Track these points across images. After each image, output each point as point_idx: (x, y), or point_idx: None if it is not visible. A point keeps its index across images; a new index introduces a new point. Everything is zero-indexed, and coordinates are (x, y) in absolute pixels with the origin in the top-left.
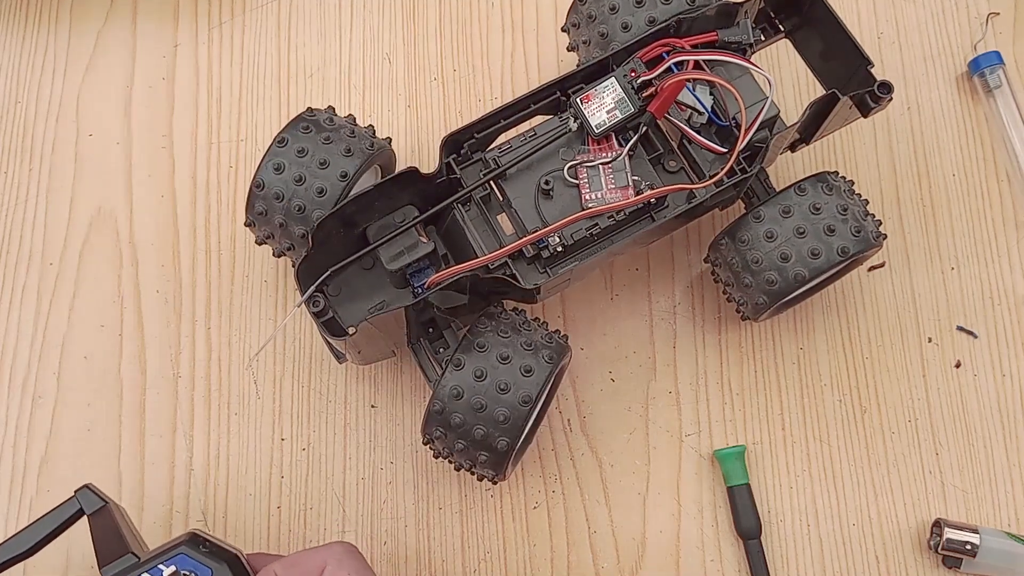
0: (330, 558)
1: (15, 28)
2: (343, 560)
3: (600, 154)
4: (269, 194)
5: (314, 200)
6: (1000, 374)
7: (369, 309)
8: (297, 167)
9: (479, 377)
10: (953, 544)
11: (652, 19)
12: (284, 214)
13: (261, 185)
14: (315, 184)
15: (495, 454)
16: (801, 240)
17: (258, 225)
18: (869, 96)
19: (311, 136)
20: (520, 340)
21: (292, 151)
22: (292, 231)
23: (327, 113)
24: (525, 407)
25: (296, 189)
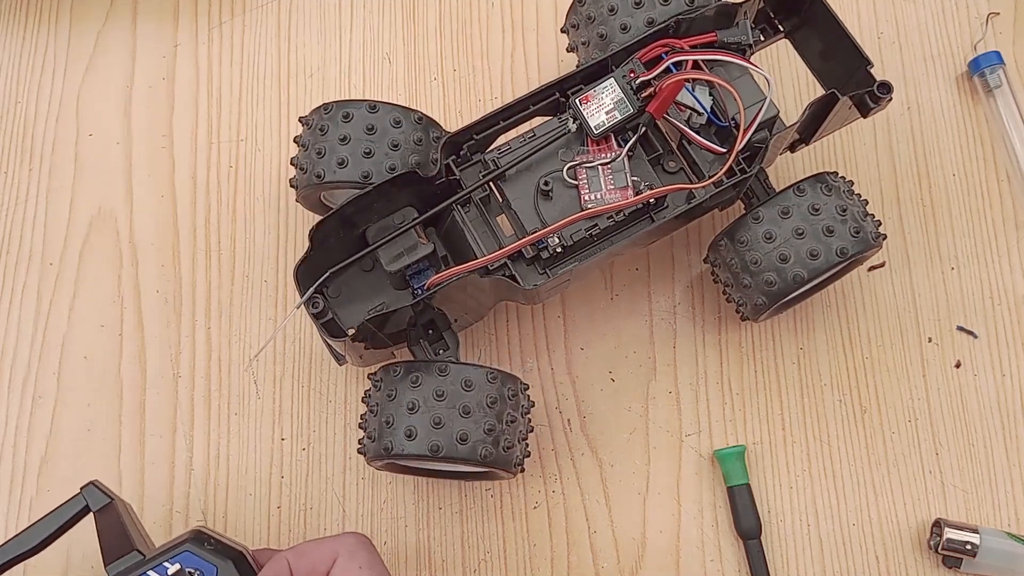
0: (341, 549)
1: (15, 28)
2: (355, 552)
3: (599, 155)
4: (363, 120)
5: (386, 154)
6: (1000, 374)
7: (369, 310)
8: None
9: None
10: (953, 544)
11: (651, 20)
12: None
13: (349, 116)
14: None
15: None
16: (800, 241)
17: (312, 141)
18: (869, 96)
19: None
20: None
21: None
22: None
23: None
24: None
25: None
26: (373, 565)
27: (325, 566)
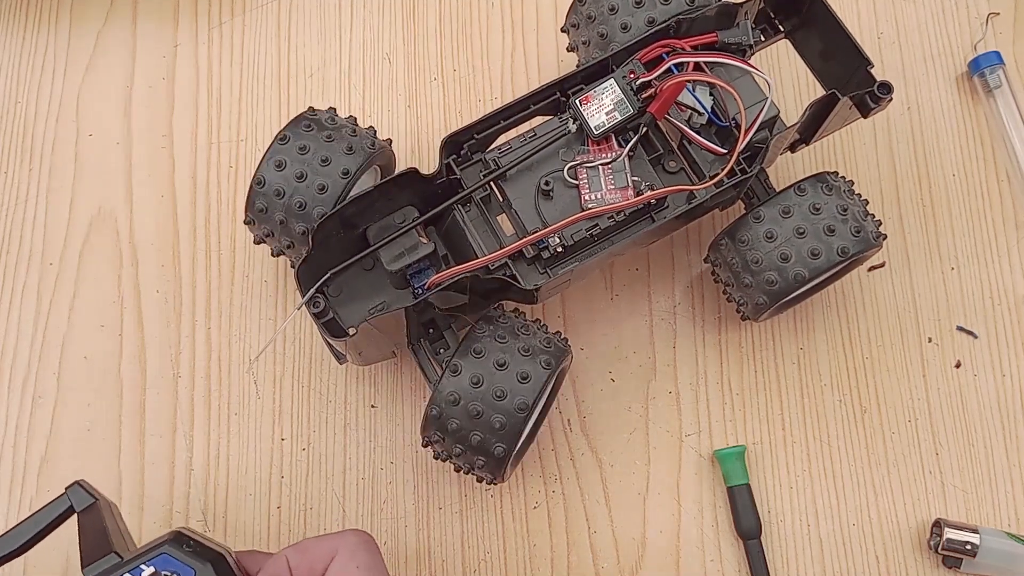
0: (342, 547)
1: (15, 28)
2: (356, 552)
3: (600, 155)
4: (270, 191)
5: (315, 197)
6: (1000, 374)
7: (370, 310)
8: (299, 164)
9: (476, 384)
10: (953, 544)
11: (652, 20)
12: (284, 211)
13: (262, 182)
14: (316, 181)
15: (492, 459)
16: (801, 240)
17: (258, 223)
18: (869, 96)
19: (313, 134)
20: (518, 345)
21: (294, 148)
22: (292, 228)
23: (329, 113)
24: (522, 414)
25: (297, 186)
26: (372, 566)
27: (323, 564)
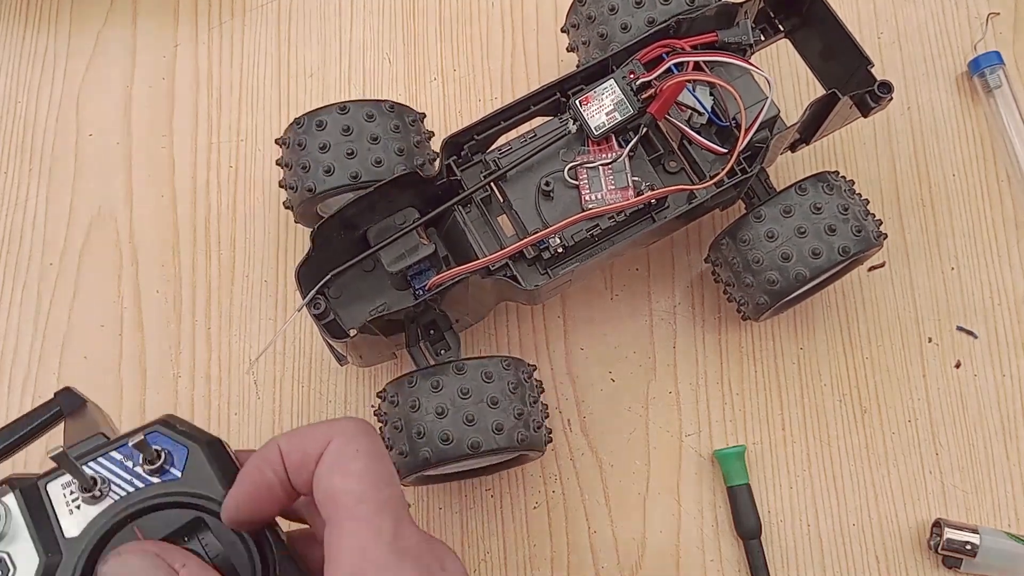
0: (338, 433)
1: (15, 28)
2: (355, 436)
3: (600, 155)
4: (337, 127)
5: (368, 149)
6: (1000, 374)
7: (370, 311)
8: (371, 128)
9: (414, 408)
10: (953, 544)
11: (651, 20)
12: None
13: (323, 124)
14: (375, 155)
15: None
16: (802, 240)
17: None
18: (869, 96)
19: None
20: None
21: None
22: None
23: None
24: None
25: (366, 143)
26: (372, 452)
27: (318, 449)
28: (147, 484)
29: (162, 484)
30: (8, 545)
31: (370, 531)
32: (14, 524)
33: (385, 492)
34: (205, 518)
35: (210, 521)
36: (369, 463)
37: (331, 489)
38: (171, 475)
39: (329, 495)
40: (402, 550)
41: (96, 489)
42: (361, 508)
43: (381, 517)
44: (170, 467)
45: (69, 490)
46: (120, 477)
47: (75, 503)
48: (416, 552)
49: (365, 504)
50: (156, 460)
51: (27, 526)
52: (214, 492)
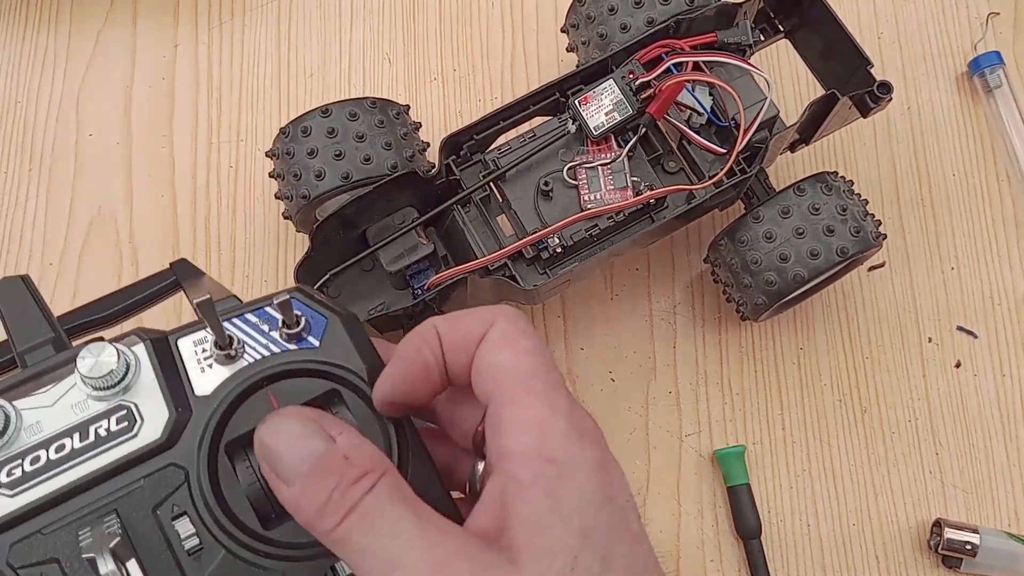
0: (500, 315)
1: (15, 28)
2: (519, 318)
3: (599, 155)
4: (322, 130)
5: (357, 156)
6: (1000, 374)
7: (369, 310)
8: (359, 127)
9: None
10: (953, 544)
11: (651, 20)
12: (322, 157)
13: (328, 111)
14: (365, 153)
15: None
16: (800, 240)
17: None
18: (868, 96)
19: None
20: None
21: (356, 120)
22: (317, 169)
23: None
24: None
25: (353, 142)
26: (535, 334)
27: (481, 330)
28: (284, 350)
29: (300, 351)
30: (136, 396)
31: (547, 405)
32: (143, 375)
33: (555, 375)
34: (341, 391)
35: (346, 395)
36: (537, 343)
37: (499, 364)
38: (308, 343)
39: (497, 370)
40: (580, 427)
41: (231, 348)
42: (536, 383)
43: (556, 394)
44: (308, 335)
45: (201, 347)
46: (256, 340)
47: (207, 361)
48: (593, 431)
49: (540, 381)
50: (296, 326)
51: (157, 379)
52: (353, 364)
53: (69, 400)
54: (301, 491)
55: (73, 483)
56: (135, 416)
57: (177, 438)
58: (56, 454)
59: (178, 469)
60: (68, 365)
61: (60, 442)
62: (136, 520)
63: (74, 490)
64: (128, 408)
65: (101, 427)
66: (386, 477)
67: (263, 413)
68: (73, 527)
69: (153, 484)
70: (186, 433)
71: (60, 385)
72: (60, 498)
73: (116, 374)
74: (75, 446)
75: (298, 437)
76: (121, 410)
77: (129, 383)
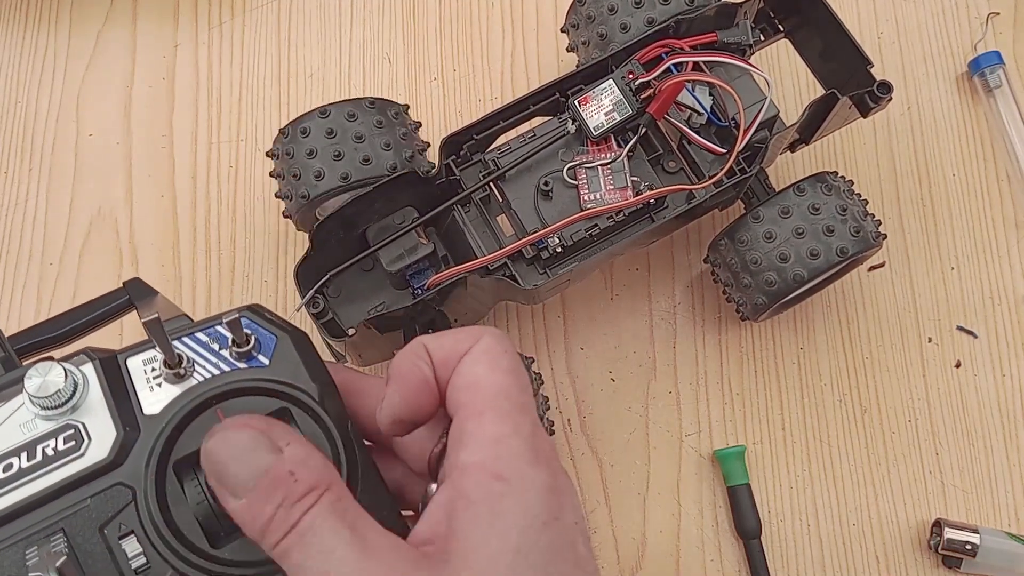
0: (487, 333)
1: (15, 28)
2: (503, 340)
3: (599, 155)
4: (321, 130)
5: (354, 148)
6: (1000, 374)
7: (369, 310)
8: (358, 128)
9: None
10: (953, 544)
11: (651, 20)
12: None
13: (327, 112)
14: (364, 153)
15: None
16: (800, 240)
17: (282, 158)
18: (868, 96)
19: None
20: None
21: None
22: (316, 170)
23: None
24: None
25: (353, 143)
26: (518, 358)
27: (466, 346)
28: (233, 368)
29: (249, 370)
30: (84, 415)
31: (509, 424)
32: (91, 395)
33: (525, 398)
34: (291, 409)
35: (295, 413)
36: (516, 365)
37: (474, 376)
38: (258, 362)
39: (471, 381)
40: (537, 450)
41: (180, 367)
42: (504, 402)
43: (521, 416)
44: (258, 354)
45: (151, 367)
46: (205, 359)
47: (156, 380)
48: (549, 456)
49: (508, 401)
50: (245, 344)
51: (105, 398)
52: (303, 383)
53: (17, 419)
54: (247, 506)
55: (20, 502)
56: (82, 435)
57: (124, 457)
58: (3, 473)
59: (125, 488)
60: (16, 385)
61: (7, 461)
62: (83, 539)
63: (21, 509)
64: (76, 427)
65: (48, 447)
66: (328, 493)
67: None
68: (20, 546)
69: (100, 503)
70: (134, 452)
71: (8, 405)
72: (7, 517)
73: (63, 393)
74: (22, 465)
75: (245, 450)
76: (68, 429)
77: (77, 402)
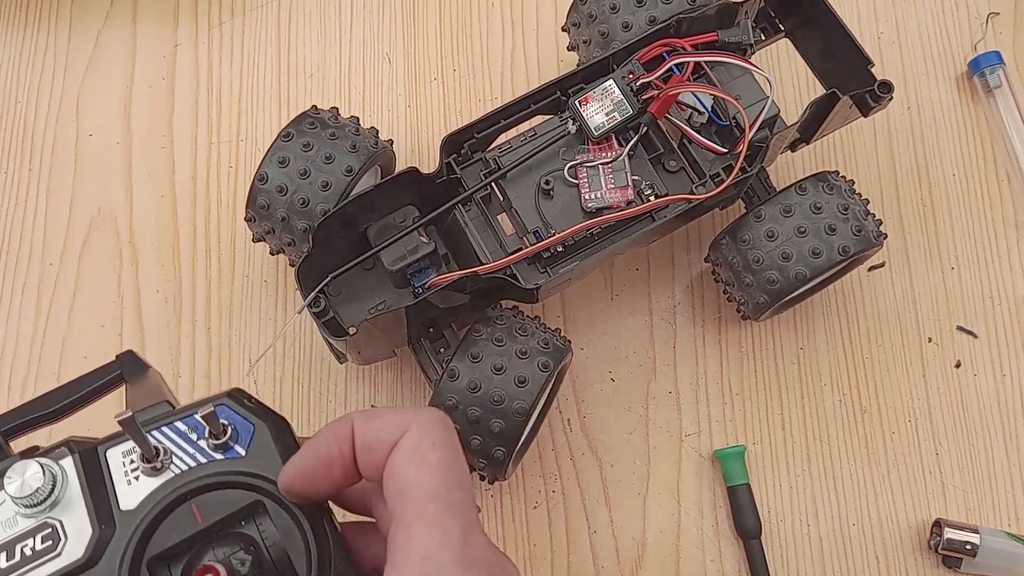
0: (416, 421)
1: (15, 28)
2: (431, 428)
3: (600, 154)
4: (272, 187)
5: (318, 193)
6: (1000, 374)
7: (370, 309)
8: (302, 161)
9: (474, 389)
10: (953, 544)
11: (653, 18)
12: (287, 207)
13: (264, 178)
14: (320, 178)
15: (493, 462)
16: (802, 239)
17: (259, 220)
18: (869, 96)
19: (316, 132)
20: (515, 348)
21: (297, 145)
22: (294, 225)
23: (332, 112)
24: (519, 418)
25: (300, 182)
26: (449, 446)
27: (393, 437)
28: (210, 460)
29: (225, 461)
30: (61, 513)
31: (437, 535)
32: (70, 490)
33: (456, 494)
34: (265, 503)
35: (270, 507)
36: (445, 457)
37: (404, 481)
38: (235, 452)
39: (401, 488)
40: (467, 560)
41: (158, 460)
42: (431, 508)
43: (450, 521)
44: (235, 444)
45: (129, 459)
46: (183, 450)
47: (134, 473)
48: (482, 564)
49: (436, 504)
50: (222, 435)
51: (83, 494)
52: (276, 475)
53: (1, 516)
54: None
55: None
56: (59, 534)
57: (99, 556)
58: None
59: None
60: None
61: None
62: None
63: None
64: (53, 526)
65: (27, 546)
66: None
67: (187, 526)
68: None
69: None
70: (109, 550)
71: None
72: None
73: (42, 492)
74: (2, 566)
75: None
76: (46, 528)
77: (57, 498)
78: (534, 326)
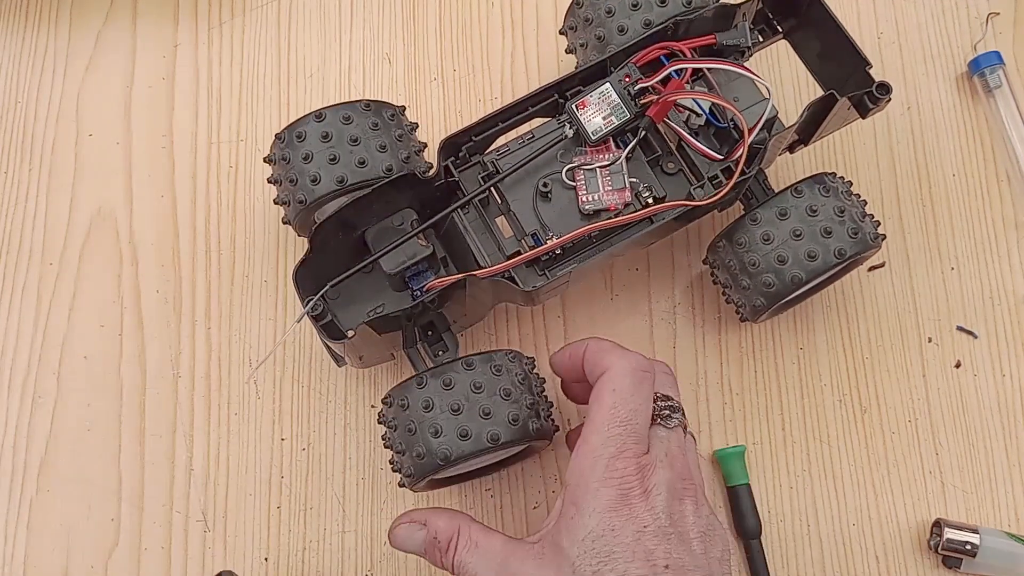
0: (614, 366)
1: (15, 28)
2: (618, 377)
3: (597, 157)
4: (316, 134)
5: (350, 151)
6: (1000, 374)
7: (368, 312)
8: (352, 131)
9: (426, 408)
10: (953, 544)
11: (648, 22)
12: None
13: (322, 116)
14: (359, 156)
15: (407, 476)
16: (798, 242)
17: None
18: (867, 97)
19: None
20: (483, 402)
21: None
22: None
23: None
24: (440, 462)
25: (350, 146)
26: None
27: (602, 367)
28: None
29: None
30: None
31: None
32: None
33: (615, 429)
34: None
35: None
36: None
37: (593, 403)
38: None
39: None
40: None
41: None
42: (592, 432)
43: (603, 449)
44: None
45: None
46: None
47: None
48: (618, 480)
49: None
50: None
51: None
52: None
53: None
54: (428, 560)
55: None
56: None
57: None
58: None
59: None
60: None
61: None
62: None
63: None
64: None
65: None
66: (459, 536)
67: None
68: None
69: None
70: None
71: None
72: None
73: None
74: None
75: (407, 537)
76: None
77: None
78: (522, 389)
